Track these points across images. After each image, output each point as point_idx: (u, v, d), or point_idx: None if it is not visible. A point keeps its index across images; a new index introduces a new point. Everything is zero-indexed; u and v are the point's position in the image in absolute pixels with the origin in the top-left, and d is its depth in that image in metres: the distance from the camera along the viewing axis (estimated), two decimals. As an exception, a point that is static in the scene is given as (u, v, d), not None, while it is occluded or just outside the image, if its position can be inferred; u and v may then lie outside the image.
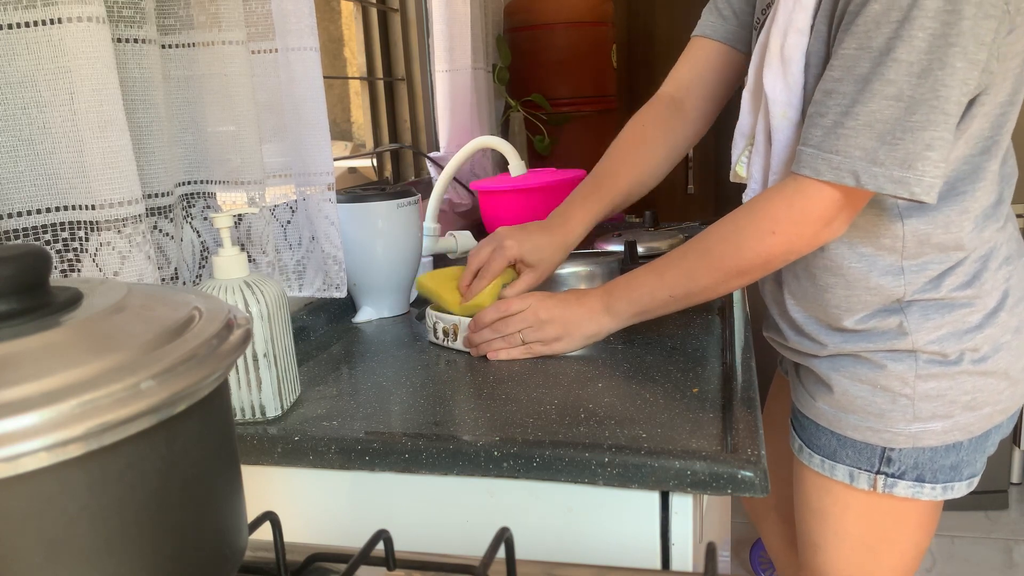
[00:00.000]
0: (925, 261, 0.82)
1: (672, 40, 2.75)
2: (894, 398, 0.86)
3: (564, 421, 0.72)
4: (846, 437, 0.89)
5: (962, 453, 0.88)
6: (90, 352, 0.31)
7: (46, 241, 0.70)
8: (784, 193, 0.78)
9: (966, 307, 0.83)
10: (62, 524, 0.30)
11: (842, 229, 0.79)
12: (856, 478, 0.90)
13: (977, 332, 0.84)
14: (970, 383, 0.85)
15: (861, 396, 0.88)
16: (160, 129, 0.79)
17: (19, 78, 0.66)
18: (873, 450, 0.88)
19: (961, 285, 0.83)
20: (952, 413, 0.85)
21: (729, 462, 0.62)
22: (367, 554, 0.45)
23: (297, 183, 1.03)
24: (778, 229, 0.78)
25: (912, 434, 0.86)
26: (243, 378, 0.76)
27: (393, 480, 0.72)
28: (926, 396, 0.85)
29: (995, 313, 0.84)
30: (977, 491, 2.33)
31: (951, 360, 0.84)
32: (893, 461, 0.88)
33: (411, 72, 1.85)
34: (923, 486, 0.88)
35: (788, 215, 0.77)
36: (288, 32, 0.97)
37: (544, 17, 2.15)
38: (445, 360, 0.93)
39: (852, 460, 0.90)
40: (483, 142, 1.41)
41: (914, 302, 0.84)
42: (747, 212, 0.81)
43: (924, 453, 0.87)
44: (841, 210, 0.76)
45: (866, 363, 0.87)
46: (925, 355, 0.84)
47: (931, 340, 0.84)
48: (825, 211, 0.76)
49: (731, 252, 0.81)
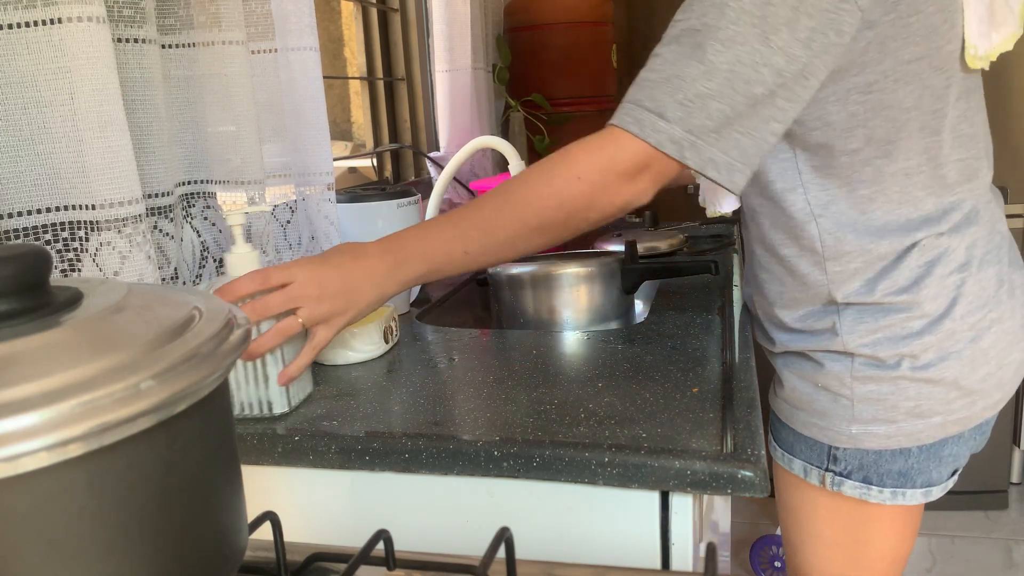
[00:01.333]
0: (848, 262, 0.82)
1: (672, 40, 2.74)
2: (835, 398, 0.87)
3: (564, 421, 0.72)
4: (799, 433, 0.92)
5: (911, 460, 0.86)
6: (90, 352, 0.31)
7: (46, 241, 0.70)
8: (596, 141, 0.75)
9: (903, 312, 0.82)
10: (62, 524, 0.30)
11: (646, 194, 0.75)
12: (808, 473, 0.92)
13: (916, 339, 0.82)
14: (913, 389, 0.83)
15: (807, 393, 0.90)
16: (160, 129, 0.79)
17: (19, 78, 0.66)
18: (821, 447, 0.90)
19: (897, 290, 0.81)
20: (895, 419, 0.84)
21: (729, 462, 0.62)
22: (367, 554, 0.45)
23: (297, 183, 1.03)
24: (583, 175, 0.74)
25: (853, 435, 0.86)
26: (251, 374, 0.76)
27: (393, 480, 0.72)
28: (865, 398, 0.85)
29: (939, 320, 0.82)
30: (977, 491, 2.32)
31: (888, 364, 0.83)
32: (839, 460, 0.89)
33: (411, 72, 1.85)
34: (870, 488, 0.88)
35: (596, 160, 0.73)
36: (288, 32, 0.97)
37: (544, 17, 2.15)
38: (445, 360, 0.93)
39: (805, 456, 0.92)
40: (483, 142, 1.41)
41: (849, 305, 0.84)
42: (556, 156, 0.76)
43: (868, 455, 0.87)
44: (646, 167, 0.73)
45: (808, 361, 0.89)
46: (860, 358, 0.85)
47: (864, 343, 0.84)
48: (630, 165, 0.72)
49: (532, 198, 0.75)
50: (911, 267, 0.81)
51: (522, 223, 0.76)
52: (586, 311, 1.11)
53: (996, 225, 0.87)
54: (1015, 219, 1.97)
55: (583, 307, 1.11)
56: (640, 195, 0.75)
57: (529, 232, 0.76)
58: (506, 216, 0.76)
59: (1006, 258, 0.87)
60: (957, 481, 0.93)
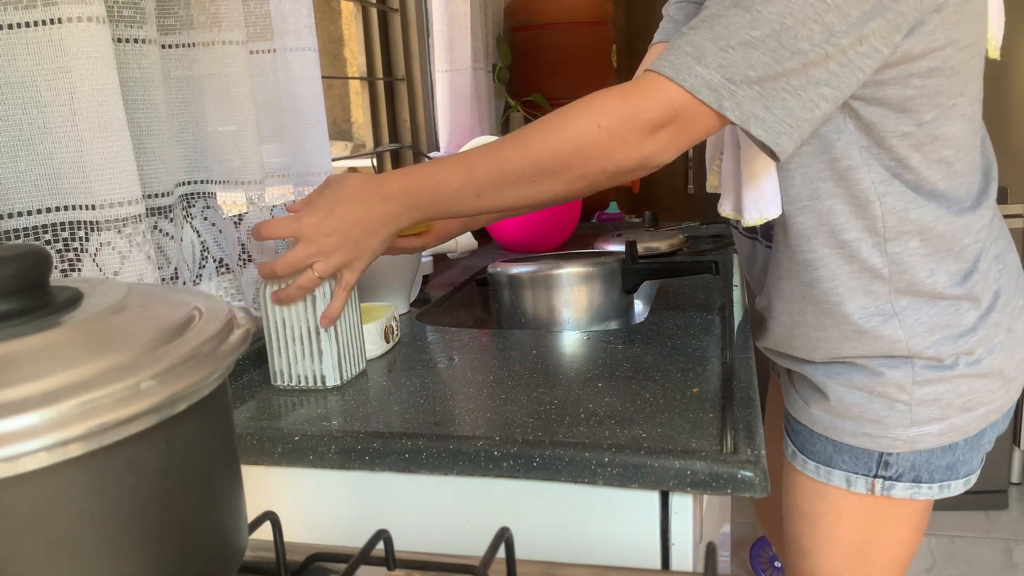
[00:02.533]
0: (905, 241, 0.80)
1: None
2: (891, 404, 0.85)
3: (564, 421, 0.72)
4: (842, 443, 0.89)
5: (958, 453, 0.87)
6: (90, 352, 0.31)
7: (46, 241, 0.70)
8: (624, 88, 0.71)
9: (957, 307, 0.82)
10: (62, 524, 0.30)
11: (668, 152, 0.71)
12: (853, 483, 0.89)
13: (971, 335, 0.83)
14: (965, 385, 0.84)
15: (857, 403, 0.87)
16: (160, 129, 0.79)
17: (19, 78, 0.66)
18: (870, 455, 0.87)
19: (952, 284, 0.82)
20: (948, 415, 0.85)
21: (729, 462, 0.62)
22: (367, 554, 0.45)
23: (295, 183, 1.03)
24: (604, 122, 0.69)
25: (910, 438, 0.85)
26: (305, 349, 0.83)
27: (393, 480, 0.72)
28: (923, 401, 0.84)
29: (988, 313, 0.83)
30: (977, 491, 2.31)
31: (947, 364, 0.83)
32: (891, 465, 0.87)
33: (411, 72, 1.85)
34: (920, 486, 0.88)
35: (620, 108, 0.69)
36: (286, 32, 0.97)
37: (544, 17, 2.15)
38: (445, 360, 0.93)
39: (849, 466, 0.89)
40: (483, 142, 1.40)
41: (905, 300, 0.82)
42: (583, 100, 0.72)
43: (921, 456, 0.86)
44: (673, 119, 0.69)
45: (862, 370, 0.86)
46: (921, 360, 0.84)
47: (926, 345, 0.83)
48: (656, 115, 0.68)
49: (550, 140, 0.71)
50: (964, 259, 0.81)
51: (536, 165, 0.72)
52: (586, 311, 1.11)
53: (1003, 221, 0.90)
54: (1015, 219, 1.97)
55: (583, 307, 1.11)
56: (661, 152, 0.70)
57: (541, 175, 0.72)
58: (520, 155, 0.72)
59: (1015, 250, 0.90)
60: None
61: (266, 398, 0.83)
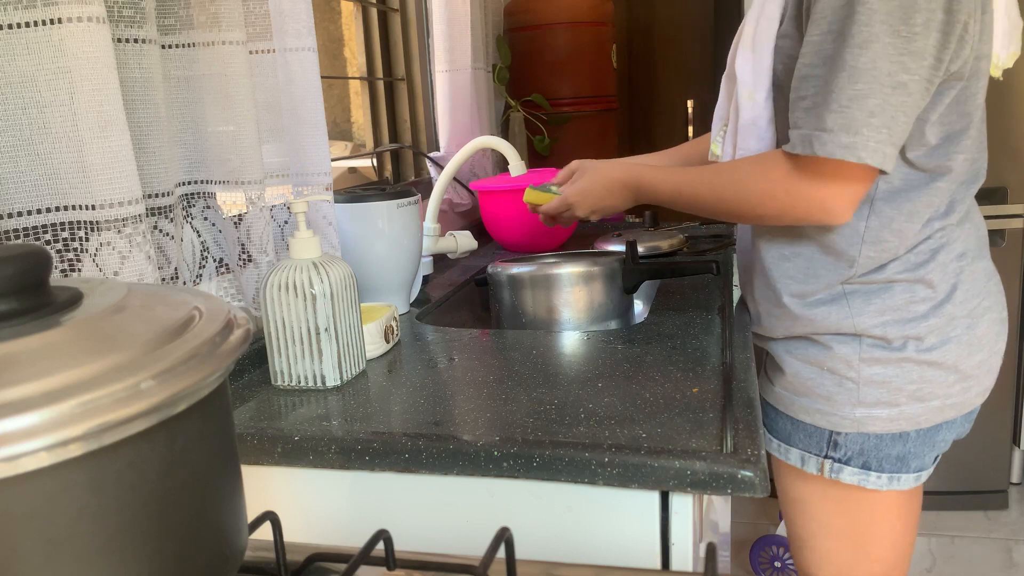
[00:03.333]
0: (882, 241, 0.86)
1: (672, 40, 2.75)
2: (840, 381, 0.89)
3: (564, 421, 0.72)
4: (798, 420, 0.93)
5: (909, 444, 0.90)
6: (90, 352, 0.31)
7: (46, 241, 0.70)
8: (785, 165, 0.82)
9: (908, 293, 0.87)
10: (62, 524, 0.30)
11: (842, 214, 0.80)
12: (806, 462, 0.94)
13: (922, 321, 0.87)
14: (916, 372, 0.87)
15: (811, 378, 0.91)
16: (160, 129, 0.79)
17: (19, 78, 0.66)
18: (821, 434, 0.92)
19: (905, 270, 0.87)
20: (898, 401, 0.88)
21: (729, 462, 0.62)
22: (367, 554, 0.45)
23: (295, 183, 1.03)
24: (776, 196, 0.82)
25: (857, 419, 0.89)
26: (306, 349, 0.83)
27: (393, 480, 0.72)
28: (870, 381, 0.88)
29: (941, 304, 0.87)
30: (977, 491, 2.32)
31: (894, 346, 0.87)
32: (839, 446, 0.91)
33: (411, 72, 1.85)
34: (868, 474, 0.90)
35: (783, 186, 0.82)
36: (286, 32, 0.97)
37: (544, 17, 2.15)
38: (445, 360, 0.93)
39: (803, 444, 0.94)
40: (483, 142, 1.41)
41: (857, 285, 0.88)
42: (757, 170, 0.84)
43: (869, 440, 0.89)
44: (838, 192, 0.79)
45: (814, 345, 0.92)
46: (868, 339, 0.88)
47: (874, 324, 0.87)
48: (818, 189, 0.79)
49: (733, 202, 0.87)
50: (920, 251, 0.86)
51: (723, 212, 0.89)
52: (586, 311, 1.11)
53: (981, 226, 0.93)
54: (1015, 219, 1.97)
55: (583, 307, 1.11)
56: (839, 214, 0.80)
57: (729, 216, 0.89)
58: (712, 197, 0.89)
59: (989, 256, 0.93)
60: (957, 481, 0.96)
61: (266, 398, 0.83)
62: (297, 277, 0.82)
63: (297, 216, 0.85)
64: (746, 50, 0.87)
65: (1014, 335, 2.06)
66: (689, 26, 1.31)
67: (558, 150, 2.20)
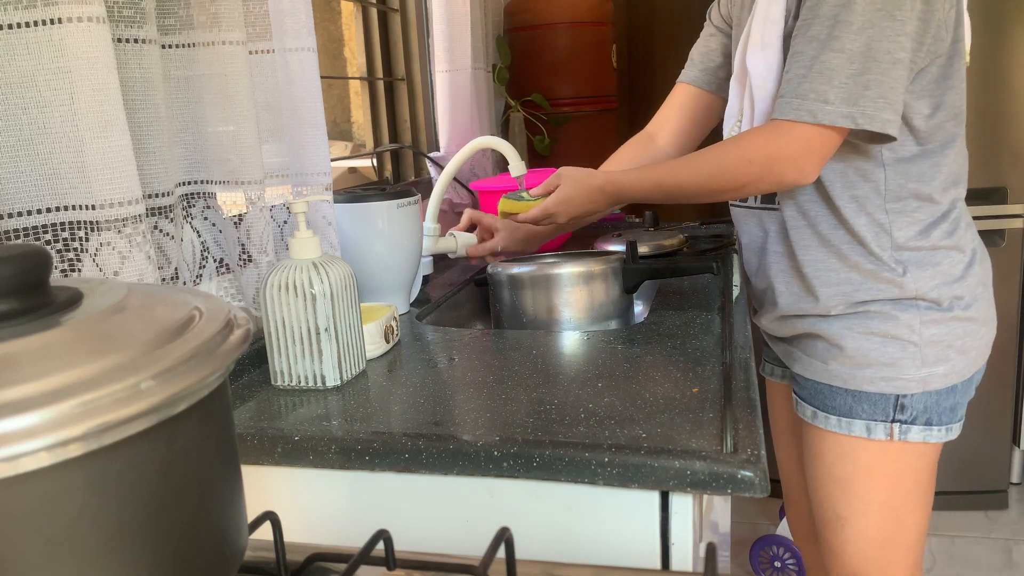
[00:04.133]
0: (904, 206, 0.96)
1: (672, 40, 2.75)
2: (904, 346, 0.96)
3: (564, 421, 0.72)
4: (861, 392, 0.98)
5: (957, 395, 0.99)
6: (90, 352, 0.31)
7: (46, 241, 0.70)
8: (763, 132, 0.93)
9: (949, 258, 0.97)
10: (62, 524, 0.30)
11: (811, 173, 0.91)
12: (873, 430, 0.98)
13: (961, 281, 0.97)
14: (961, 328, 0.97)
15: (875, 348, 0.98)
16: (160, 129, 0.79)
17: (19, 78, 0.66)
18: (887, 400, 0.97)
19: (945, 236, 0.97)
20: (949, 357, 0.97)
21: (729, 462, 0.62)
22: (367, 554, 0.45)
23: (294, 183, 1.03)
24: (754, 160, 0.92)
25: (921, 379, 0.96)
26: (306, 349, 0.83)
27: (393, 480, 0.72)
28: (930, 342, 0.96)
29: (970, 265, 0.98)
30: (977, 491, 2.32)
31: (944, 307, 0.97)
32: (906, 408, 0.97)
33: (411, 72, 1.85)
34: (931, 429, 0.98)
35: (764, 149, 0.92)
36: (285, 32, 0.97)
37: (544, 17, 2.15)
38: (445, 360, 0.93)
39: (868, 413, 0.98)
40: (483, 142, 1.41)
41: (908, 253, 0.96)
42: (734, 142, 0.95)
43: (931, 397, 0.97)
44: (810, 152, 0.90)
45: (876, 316, 0.97)
46: (924, 302, 0.96)
47: (929, 288, 0.96)
48: (796, 149, 0.90)
49: (712, 169, 0.96)
50: (950, 220, 0.98)
51: (705, 187, 0.97)
52: (586, 311, 1.11)
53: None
54: (1015, 219, 1.97)
55: (583, 307, 1.11)
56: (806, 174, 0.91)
57: (711, 195, 0.98)
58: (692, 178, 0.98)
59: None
60: (957, 481, 1.00)
61: (266, 398, 0.83)
62: (297, 277, 0.82)
63: (297, 216, 0.85)
64: (756, 49, 0.98)
65: (1014, 335, 2.06)
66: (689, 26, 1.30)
67: (558, 150, 2.20)
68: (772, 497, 2.21)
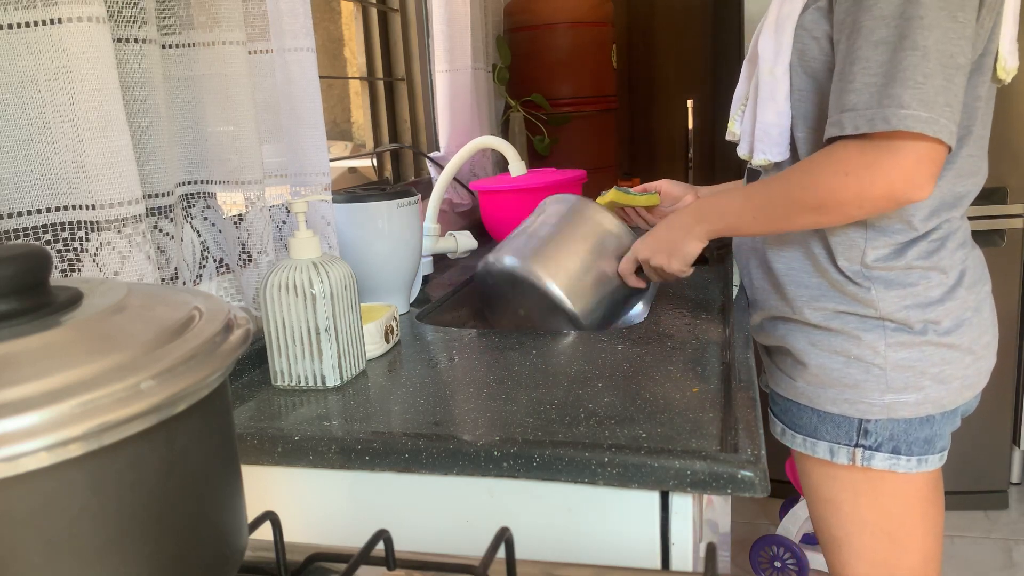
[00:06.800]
0: (887, 225, 0.89)
1: (672, 40, 2.75)
2: (867, 368, 0.91)
3: (564, 421, 0.72)
4: (825, 412, 0.94)
5: (935, 427, 0.92)
6: (90, 352, 0.31)
7: (46, 241, 0.70)
8: (856, 147, 0.81)
9: (925, 279, 0.89)
10: (62, 524, 0.30)
11: (925, 184, 0.79)
12: (836, 453, 0.94)
13: (938, 305, 0.90)
14: (937, 355, 0.90)
15: (837, 368, 0.92)
16: (160, 129, 0.79)
17: (19, 78, 0.66)
18: (851, 423, 0.92)
19: (921, 256, 0.89)
20: (923, 385, 0.90)
21: (729, 462, 0.62)
22: (367, 554, 0.45)
23: (293, 183, 1.03)
24: (851, 171, 0.81)
25: (886, 405, 0.90)
26: (306, 349, 0.84)
27: (393, 480, 0.72)
28: (897, 366, 0.90)
29: (954, 289, 0.91)
30: (977, 491, 2.31)
31: (916, 330, 0.90)
32: (870, 433, 0.92)
33: (411, 72, 1.85)
34: (899, 458, 0.92)
35: (864, 163, 0.80)
36: (284, 33, 0.97)
37: (544, 17, 2.15)
38: (445, 360, 0.93)
39: (832, 435, 0.94)
40: (483, 142, 1.41)
41: (878, 272, 0.90)
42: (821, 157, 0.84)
43: (899, 425, 0.91)
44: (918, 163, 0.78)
45: (839, 335, 0.92)
46: (891, 324, 0.90)
47: (896, 309, 0.89)
48: (898, 162, 0.78)
49: (808, 187, 0.85)
50: (931, 239, 0.90)
51: (798, 205, 0.86)
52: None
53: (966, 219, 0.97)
54: (1015, 219, 1.97)
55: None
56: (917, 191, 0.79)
57: (804, 213, 0.86)
58: (783, 196, 0.87)
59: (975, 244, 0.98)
60: (957, 481, 0.96)
61: (266, 398, 0.83)
62: (297, 277, 0.82)
63: (297, 216, 0.85)
64: (769, 30, 0.92)
65: (1014, 335, 2.06)
66: (689, 26, 1.31)
67: (558, 150, 2.20)
68: (772, 497, 2.21)
